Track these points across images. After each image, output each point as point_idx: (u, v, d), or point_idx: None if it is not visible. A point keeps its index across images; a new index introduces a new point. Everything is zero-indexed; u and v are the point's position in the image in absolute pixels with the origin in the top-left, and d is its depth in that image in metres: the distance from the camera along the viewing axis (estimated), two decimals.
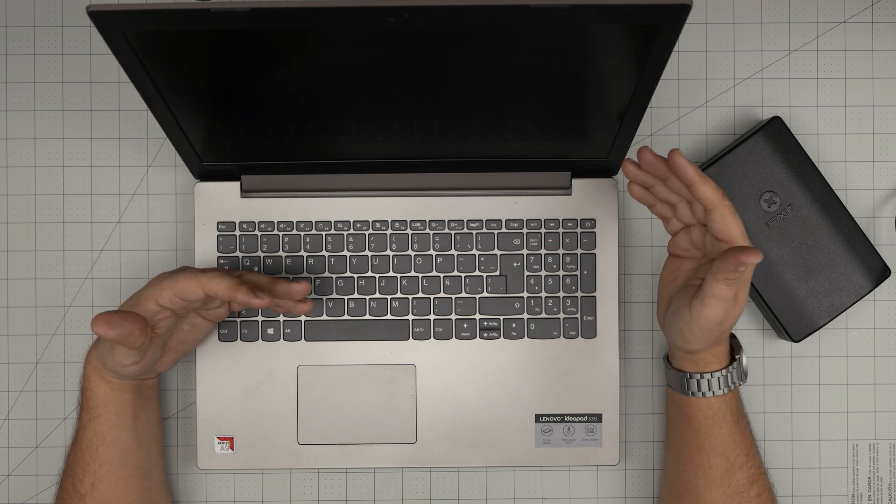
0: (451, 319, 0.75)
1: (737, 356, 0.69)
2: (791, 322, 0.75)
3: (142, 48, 0.58)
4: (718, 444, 0.69)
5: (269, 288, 0.68)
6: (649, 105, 0.66)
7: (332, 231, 0.75)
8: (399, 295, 0.75)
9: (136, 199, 0.78)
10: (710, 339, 0.66)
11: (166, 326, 0.68)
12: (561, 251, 0.75)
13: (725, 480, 0.69)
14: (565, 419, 0.75)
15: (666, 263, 0.70)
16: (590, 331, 0.75)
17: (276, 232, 0.75)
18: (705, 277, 0.63)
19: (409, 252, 0.75)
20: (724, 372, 0.68)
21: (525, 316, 0.75)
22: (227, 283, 0.65)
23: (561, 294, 0.75)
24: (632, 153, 0.77)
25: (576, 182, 0.75)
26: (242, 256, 0.75)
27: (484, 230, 0.75)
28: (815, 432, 0.78)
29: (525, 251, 0.75)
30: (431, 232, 0.75)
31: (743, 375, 0.69)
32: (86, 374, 0.70)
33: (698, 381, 0.68)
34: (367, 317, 0.75)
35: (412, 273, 0.75)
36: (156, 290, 0.66)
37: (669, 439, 0.73)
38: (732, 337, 0.71)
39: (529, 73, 0.62)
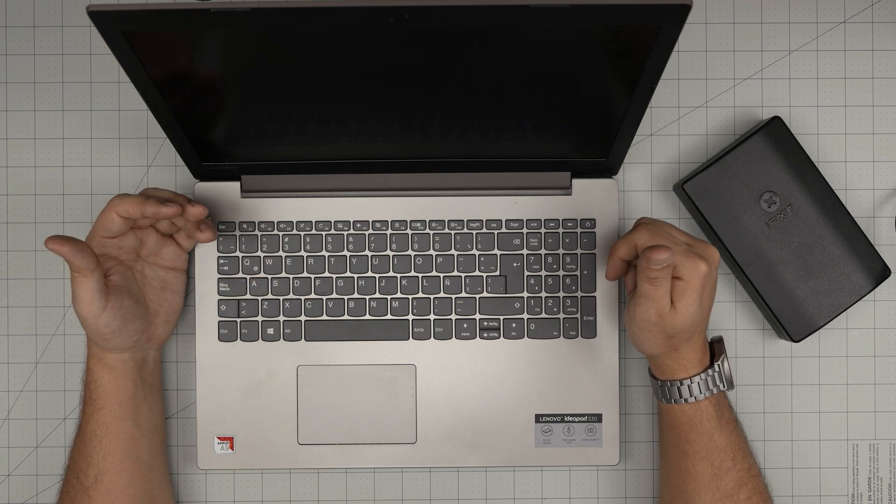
0: (451, 319, 0.75)
1: (717, 361, 0.69)
2: (791, 322, 0.75)
3: (142, 48, 0.58)
4: (701, 450, 0.69)
5: (174, 200, 0.70)
6: (649, 105, 0.66)
7: (332, 231, 0.75)
8: (399, 295, 0.75)
9: None
10: (656, 341, 0.67)
11: (119, 273, 0.70)
12: (561, 251, 0.75)
13: (713, 485, 0.69)
14: (565, 419, 0.75)
15: (626, 278, 0.72)
16: (590, 331, 0.75)
17: (276, 232, 0.75)
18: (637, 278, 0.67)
19: (409, 252, 0.75)
20: (696, 379, 0.68)
21: (525, 316, 0.75)
22: (133, 201, 0.68)
23: (561, 294, 0.75)
24: (632, 152, 0.77)
25: (576, 182, 0.75)
26: (242, 256, 0.75)
27: (484, 230, 0.75)
28: (815, 432, 0.78)
29: (525, 251, 0.75)
30: (431, 232, 0.75)
31: (725, 381, 0.69)
32: (88, 366, 0.71)
33: (669, 389, 0.69)
34: (367, 317, 0.75)
35: (412, 273, 0.75)
36: (87, 239, 0.69)
37: (661, 446, 0.74)
38: (718, 341, 0.72)
39: (529, 72, 0.62)
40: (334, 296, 0.75)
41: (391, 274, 0.75)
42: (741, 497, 0.69)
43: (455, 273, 0.75)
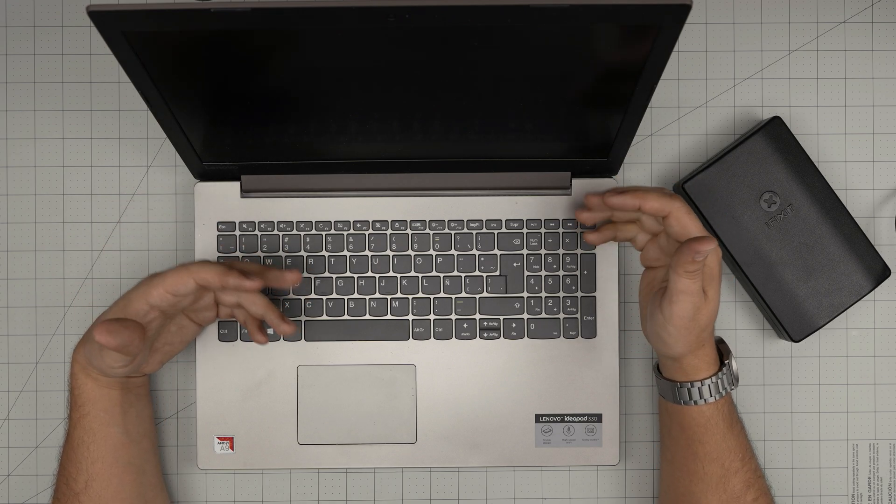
0: (451, 319, 0.75)
1: (726, 361, 0.69)
2: (791, 322, 0.75)
3: (142, 48, 0.58)
4: (712, 451, 0.69)
5: (259, 274, 0.68)
6: (649, 105, 0.66)
7: (332, 231, 0.75)
8: (399, 295, 0.75)
9: (136, 199, 0.78)
10: (689, 339, 0.66)
11: (155, 328, 0.68)
12: (561, 251, 0.75)
13: (721, 486, 0.69)
14: (565, 419, 0.75)
15: (642, 278, 0.72)
16: (590, 331, 0.75)
17: (276, 232, 0.75)
18: (669, 276, 0.65)
19: (409, 252, 0.75)
20: (713, 379, 0.68)
21: (525, 316, 0.75)
22: (217, 269, 0.66)
23: (561, 294, 0.75)
24: (632, 153, 0.77)
25: (576, 182, 0.75)
26: (242, 256, 0.75)
27: (484, 230, 0.75)
28: (815, 432, 0.78)
29: (525, 251, 0.75)
30: (431, 232, 0.75)
31: (734, 380, 0.69)
32: (72, 372, 0.70)
33: (689, 390, 0.68)
34: (367, 317, 0.75)
35: (412, 273, 0.75)
36: (147, 288, 0.66)
37: (664, 446, 0.73)
38: (721, 342, 0.72)
39: (529, 72, 0.62)
40: (334, 296, 0.75)
41: (391, 274, 0.75)
42: (748, 498, 0.69)
43: (455, 273, 0.75)
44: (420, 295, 0.75)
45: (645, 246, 0.70)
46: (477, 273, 0.75)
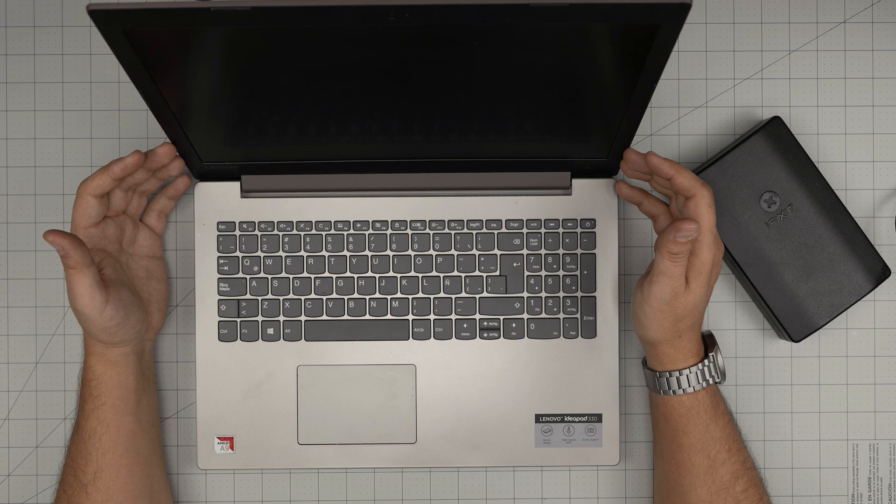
0: (451, 319, 0.75)
1: (710, 353, 0.70)
2: (791, 322, 0.75)
3: (142, 48, 0.58)
4: (697, 442, 0.69)
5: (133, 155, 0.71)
6: (649, 105, 0.66)
7: (332, 231, 0.75)
8: (399, 295, 0.75)
9: None
10: (665, 324, 0.68)
11: (111, 266, 0.70)
12: (561, 251, 0.75)
13: (709, 477, 0.69)
14: (565, 419, 0.75)
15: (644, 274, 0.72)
16: (590, 331, 0.75)
17: (276, 232, 0.75)
18: (655, 256, 0.67)
19: (409, 252, 0.75)
20: (692, 369, 0.69)
21: (525, 316, 0.75)
22: (98, 174, 0.69)
23: (561, 294, 0.75)
24: None
25: (576, 182, 0.75)
26: (242, 256, 0.75)
27: (484, 230, 0.75)
28: (815, 432, 0.78)
29: (525, 251, 0.75)
30: (431, 232, 0.75)
31: (718, 373, 0.70)
32: (88, 364, 0.71)
33: (668, 380, 0.70)
34: (367, 317, 0.75)
35: (412, 273, 0.75)
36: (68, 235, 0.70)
37: (655, 441, 0.74)
38: (710, 336, 0.73)
39: (529, 72, 0.62)
40: (334, 296, 0.75)
41: (391, 274, 0.75)
42: (737, 489, 0.69)
43: (455, 273, 0.75)
44: (420, 295, 0.75)
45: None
46: (477, 273, 0.75)
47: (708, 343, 0.72)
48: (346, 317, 0.75)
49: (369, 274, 0.75)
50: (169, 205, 0.76)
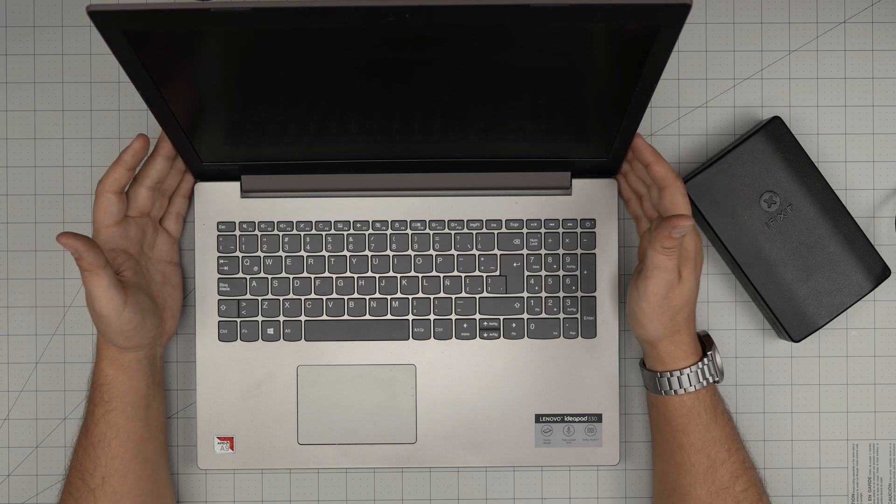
0: (451, 319, 0.75)
1: (708, 353, 0.71)
2: (791, 322, 0.75)
3: (142, 48, 0.58)
4: (697, 442, 0.70)
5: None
6: (649, 105, 0.66)
7: (332, 231, 0.75)
8: (399, 295, 0.75)
9: None
10: (663, 319, 0.68)
11: (130, 269, 0.70)
12: (561, 251, 0.75)
13: (709, 477, 0.69)
14: (565, 419, 0.75)
15: (634, 273, 0.73)
16: (590, 331, 0.75)
17: (276, 232, 0.75)
18: (647, 252, 0.68)
19: (409, 252, 0.75)
20: (692, 368, 0.70)
21: (525, 316, 0.75)
22: (113, 169, 0.69)
23: (561, 294, 0.75)
24: None
25: (576, 182, 0.75)
26: (242, 256, 0.75)
27: (484, 230, 0.75)
28: (815, 432, 0.78)
29: (525, 251, 0.75)
30: (431, 232, 0.75)
31: (717, 372, 0.71)
32: (100, 368, 0.71)
33: (668, 380, 0.70)
34: (367, 317, 0.75)
35: (412, 273, 0.75)
36: (93, 236, 0.70)
37: (654, 441, 0.74)
38: (706, 336, 0.73)
39: (529, 72, 0.62)
40: (334, 296, 0.75)
41: (391, 274, 0.75)
42: (737, 489, 0.69)
43: (455, 273, 0.75)
44: (420, 295, 0.75)
45: (644, 233, 0.73)
46: (477, 273, 0.75)
47: (705, 343, 0.72)
48: (346, 317, 0.75)
49: (369, 274, 0.75)
50: (184, 205, 0.76)
